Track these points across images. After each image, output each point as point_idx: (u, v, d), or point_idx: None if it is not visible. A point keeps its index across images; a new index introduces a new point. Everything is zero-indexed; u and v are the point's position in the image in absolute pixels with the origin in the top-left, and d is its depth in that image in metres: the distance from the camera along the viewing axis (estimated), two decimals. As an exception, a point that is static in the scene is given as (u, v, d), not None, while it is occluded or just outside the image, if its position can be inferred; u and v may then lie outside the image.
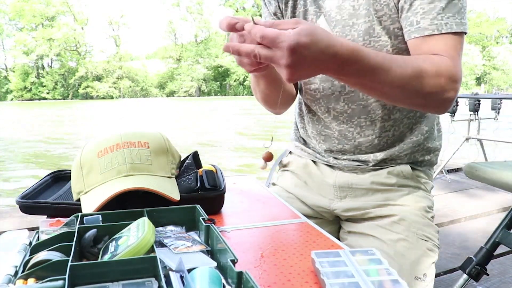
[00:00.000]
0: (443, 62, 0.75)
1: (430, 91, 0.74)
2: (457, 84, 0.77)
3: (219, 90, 55.98)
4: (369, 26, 0.85)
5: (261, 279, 0.58)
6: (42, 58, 49.58)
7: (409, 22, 0.80)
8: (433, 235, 0.91)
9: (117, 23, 56.04)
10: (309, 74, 0.66)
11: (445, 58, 0.75)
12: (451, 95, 0.77)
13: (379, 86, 0.71)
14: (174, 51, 57.69)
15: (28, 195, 0.86)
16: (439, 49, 0.77)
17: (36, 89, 48.28)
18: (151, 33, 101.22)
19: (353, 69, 0.66)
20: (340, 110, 0.95)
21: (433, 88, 0.74)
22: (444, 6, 0.76)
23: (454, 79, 0.75)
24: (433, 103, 0.79)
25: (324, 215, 1.04)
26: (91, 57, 54.02)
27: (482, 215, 2.78)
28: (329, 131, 1.00)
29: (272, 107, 1.02)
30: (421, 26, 0.78)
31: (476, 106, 3.91)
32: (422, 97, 0.75)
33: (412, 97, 0.75)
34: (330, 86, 0.94)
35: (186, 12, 59.00)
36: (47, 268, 0.49)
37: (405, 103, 0.80)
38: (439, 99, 0.77)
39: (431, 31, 0.77)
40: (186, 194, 0.82)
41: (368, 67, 0.67)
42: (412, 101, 0.77)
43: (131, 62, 56.73)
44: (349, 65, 0.65)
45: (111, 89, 51.03)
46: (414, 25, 0.79)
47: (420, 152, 0.97)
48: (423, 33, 0.77)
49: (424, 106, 0.81)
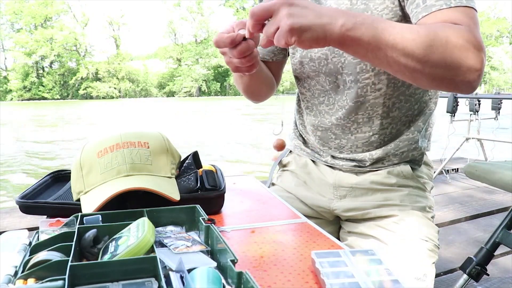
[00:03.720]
0: (461, 29, 0.66)
1: (453, 60, 0.64)
2: (482, 53, 0.66)
3: (219, 90, 55.99)
4: None
5: (261, 279, 0.58)
6: (43, 60, 49.57)
7: (415, 5, 0.74)
8: (433, 235, 0.91)
9: (117, 23, 56.04)
10: (311, 24, 0.62)
11: (462, 26, 0.67)
12: (478, 66, 0.66)
13: (390, 46, 0.64)
14: (174, 51, 57.70)
15: (28, 195, 0.86)
16: (452, 20, 0.69)
17: (36, 89, 48.29)
18: (151, 33, 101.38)
19: (357, 21, 0.63)
20: (340, 105, 0.95)
21: (457, 54, 0.64)
22: None
23: (477, 47, 0.65)
24: (460, 78, 0.66)
25: (324, 215, 1.04)
26: (91, 57, 54.09)
27: (482, 215, 2.78)
28: (326, 126, 0.99)
29: (254, 98, 1.09)
30: (427, 4, 0.72)
31: (476, 106, 3.91)
32: (444, 66, 0.65)
33: (433, 66, 0.65)
34: (330, 81, 0.95)
35: (186, 12, 59.05)
36: (47, 268, 0.49)
37: (424, 76, 0.67)
38: (465, 70, 0.65)
39: (439, 6, 0.70)
40: (186, 194, 0.82)
41: (375, 19, 0.65)
42: (435, 71, 0.66)
43: (131, 62, 56.74)
44: (353, 16, 0.63)
45: (111, 89, 51.05)
46: (421, 6, 0.73)
47: (417, 150, 0.97)
48: (431, 10, 0.71)
49: (448, 80, 0.67)
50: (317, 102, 1.00)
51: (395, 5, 0.82)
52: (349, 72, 0.90)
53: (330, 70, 0.93)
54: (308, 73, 0.98)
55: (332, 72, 0.93)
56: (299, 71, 1.00)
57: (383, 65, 0.69)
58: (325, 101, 0.98)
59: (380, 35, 0.64)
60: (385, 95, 0.90)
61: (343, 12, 0.64)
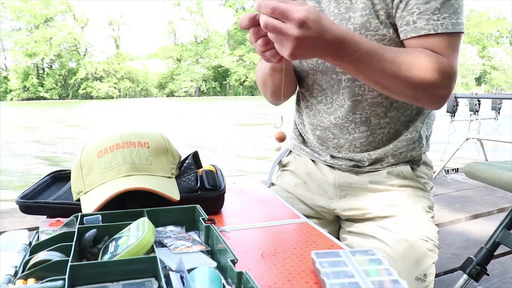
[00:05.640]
0: (438, 58, 0.77)
1: (421, 84, 0.76)
2: (451, 82, 0.79)
3: (219, 90, 55.98)
4: (365, 20, 0.85)
5: (261, 279, 0.58)
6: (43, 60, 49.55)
7: (405, 22, 0.81)
8: (433, 236, 0.91)
9: (117, 23, 56.06)
10: (310, 52, 0.69)
11: (440, 56, 0.78)
12: (444, 91, 0.79)
13: (371, 73, 0.75)
14: (174, 51, 57.69)
15: (28, 195, 0.86)
16: (435, 48, 0.79)
17: (36, 89, 48.27)
18: (151, 33, 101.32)
19: (347, 53, 0.70)
20: (338, 104, 0.95)
21: (425, 81, 0.76)
22: (439, 6, 0.78)
23: (448, 76, 0.78)
24: (426, 97, 0.81)
25: (324, 215, 1.04)
26: (91, 57, 54.06)
27: (482, 215, 2.78)
28: (325, 125, 0.99)
29: (277, 99, 1.04)
30: (417, 26, 0.79)
31: (476, 106, 3.91)
32: (413, 89, 0.77)
33: (402, 88, 0.78)
34: (325, 80, 0.95)
35: (186, 12, 59.04)
36: (47, 268, 0.49)
37: (398, 94, 0.81)
38: (432, 93, 0.79)
39: (427, 30, 0.78)
40: (186, 194, 0.82)
41: (360, 52, 0.71)
42: (404, 92, 0.79)
43: (131, 62, 56.72)
44: (344, 48, 0.70)
45: (111, 89, 51.03)
46: (411, 25, 0.80)
47: (415, 150, 0.97)
48: (420, 33, 0.79)
49: (416, 99, 0.82)
50: (316, 101, 1.00)
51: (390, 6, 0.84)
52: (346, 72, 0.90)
53: (327, 68, 0.93)
54: (307, 71, 0.99)
55: (328, 70, 0.93)
56: (298, 68, 1.01)
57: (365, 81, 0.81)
58: (323, 100, 0.98)
59: (360, 66, 0.74)
60: (382, 95, 0.91)
61: (335, 46, 0.69)
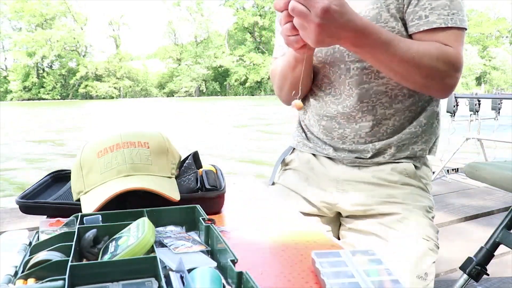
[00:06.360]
0: (448, 50, 0.84)
1: (431, 72, 0.84)
2: (459, 72, 0.86)
3: (219, 90, 55.95)
4: (376, 13, 0.88)
5: (261, 279, 0.58)
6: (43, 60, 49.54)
7: (417, 16, 0.87)
8: (434, 235, 0.91)
9: (117, 23, 56.00)
10: (332, 39, 0.75)
11: (449, 47, 0.85)
12: (452, 81, 0.87)
13: (389, 59, 0.82)
14: (174, 51, 57.66)
15: (28, 195, 0.86)
16: (445, 40, 0.85)
17: (36, 89, 48.26)
18: (151, 33, 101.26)
19: (367, 42, 0.78)
20: (347, 94, 0.96)
21: (435, 70, 0.84)
22: (449, 3, 0.85)
23: (456, 67, 0.85)
24: (435, 85, 0.88)
25: (326, 212, 1.04)
26: (91, 57, 54.04)
27: (482, 215, 2.78)
28: (332, 115, 1.00)
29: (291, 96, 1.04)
30: (429, 20, 0.86)
31: (476, 106, 3.91)
32: (424, 77, 0.85)
33: (414, 75, 0.84)
34: (333, 71, 0.96)
35: (186, 12, 59.02)
36: (47, 268, 0.49)
37: (409, 81, 0.87)
38: (441, 82, 0.87)
39: (438, 24, 0.85)
40: (186, 194, 0.82)
41: (380, 40, 0.78)
42: (415, 79, 0.86)
43: (131, 62, 56.68)
44: (365, 37, 0.77)
45: (111, 88, 51.00)
46: (423, 19, 0.86)
47: (417, 144, 0.98)
48: (431, 26, 0.86)
49: (426, 86, 0.88)
50: (323, 94, 1.01)
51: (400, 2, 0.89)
52: (356, 59, 0.93)
53: (335, 59, 0.95)
54: (316, 65, 1.00)
55: (336, 61, 0.95)
56: None
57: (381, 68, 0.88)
58: (332, 92, 0.99)
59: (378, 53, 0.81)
60: (387, 84, 0.93)
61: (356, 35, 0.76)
